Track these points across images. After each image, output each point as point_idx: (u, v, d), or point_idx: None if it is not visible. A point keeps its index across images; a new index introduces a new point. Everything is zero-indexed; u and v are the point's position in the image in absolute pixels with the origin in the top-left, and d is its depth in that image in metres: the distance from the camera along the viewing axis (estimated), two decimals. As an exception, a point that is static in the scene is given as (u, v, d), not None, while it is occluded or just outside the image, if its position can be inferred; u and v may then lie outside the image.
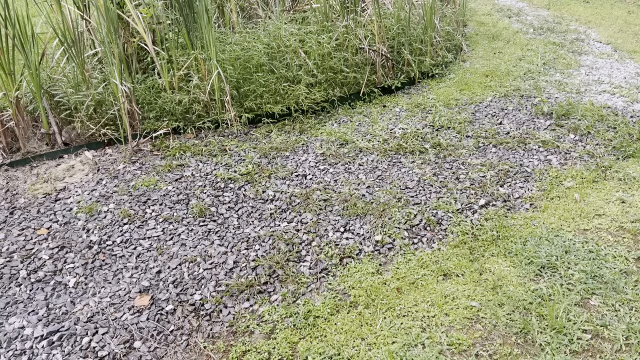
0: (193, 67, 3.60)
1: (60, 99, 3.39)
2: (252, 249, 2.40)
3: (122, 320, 2.02)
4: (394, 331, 1.91)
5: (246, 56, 3.74)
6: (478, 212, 2.68)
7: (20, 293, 2.16)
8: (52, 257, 2.37)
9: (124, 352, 1.88)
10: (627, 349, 1.81)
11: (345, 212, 2.66)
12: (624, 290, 2.07)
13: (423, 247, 2.42)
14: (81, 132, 3.38)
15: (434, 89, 4.26)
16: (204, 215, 2.64)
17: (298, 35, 3.98)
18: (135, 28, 3.43)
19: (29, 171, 3.11)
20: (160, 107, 3.51)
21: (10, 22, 3.01)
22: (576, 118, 3.69)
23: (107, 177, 3.02)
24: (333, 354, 1.83)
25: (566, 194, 2.80)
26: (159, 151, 3.31)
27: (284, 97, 3.74)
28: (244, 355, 1.86)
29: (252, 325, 1.98)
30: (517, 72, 4.65)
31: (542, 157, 3.21)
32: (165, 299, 2.11)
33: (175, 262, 2.32)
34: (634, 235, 2.43)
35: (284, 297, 2.12)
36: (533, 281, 2.15)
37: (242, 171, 3.04)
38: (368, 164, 3.14)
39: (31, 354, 1.87)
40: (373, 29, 4.18)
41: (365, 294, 2.11)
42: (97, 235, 2.51)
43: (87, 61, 3.46)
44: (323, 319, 1.99)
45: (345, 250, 2.39)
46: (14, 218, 2.66)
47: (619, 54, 5.29)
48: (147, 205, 2.74)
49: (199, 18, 3.43)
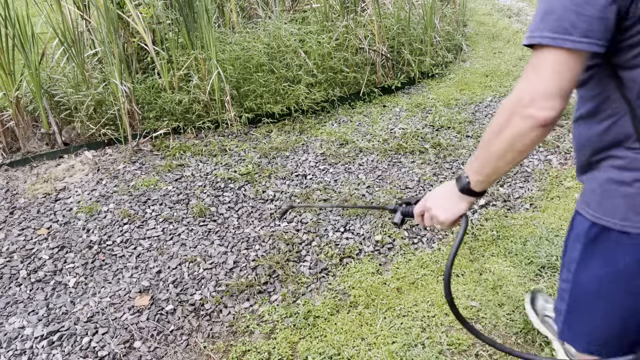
0: (193, 67, 3.60)
1: (60, 99, 3.39)
2: (252, 249, 2.40)
3: (122, 320, 2.02)
4: (394, 331, 1.92)
5: (246, 56, 3.74)
6: (478, 212, 2.68)
7: (20, 293, 2.16)
8: (52, 257, 2.37)
9: (124, 352, 1.88)
10: (627, 349, 1.81)
11: (345, 212, 2.66)
12: (624, 290, 2.07)
13: (423, 247, 2.42)
14: (81, 132, 3.38)
15: (434, 89, 4.26)
16: (204, 215, 2.64)
17: (298, 35, 3.98)
18: (135, 28, 3.43)
19: (29, 171, 3.11)
20: (160, 107, 3.51)
21: (10, 22, 3.01)
22: (576, 118, 3.70)
23: (107, 177, 3.02)
24: (333, 354, 1.83)
25: (566, 194, 2.80)
26: (159, 151, 3.31)
27: (284, 97, 3.74)
28: (244, 355, 1.86)
29: (252, 325, 1.98)
30: (517, 72, 4.65)
31: (542, 157, 3.21)
32: (165, 299, 2.11)
33: (175, 262, 2.32)
34: (634, 235, 2.43)
35: (284, 297, 2.12)
36: (533, 281, 2.15)
37: (242, 171, 3.04)
38: (368, 164, 3.14)
39: (31, 354, 1.87)
40: (373, 29, 4.18)
41: (365, 294, 2.11)
42: (97, 235, 2.51)
43: (87, 61, 3.46)
44: (323, 319, 1.99)
45: (345, 250, 2.39)
46: (14, 218, 2.66)
47: (619, 54, 5.29)
48: (147, 205, 2.74)
49: (199, 18, 3.43)
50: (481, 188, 1.13)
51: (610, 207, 1.02)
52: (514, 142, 0.98)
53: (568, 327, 1.15)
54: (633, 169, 0.99)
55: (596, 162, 1.05)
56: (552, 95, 0.92)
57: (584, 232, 1.07)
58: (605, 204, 1.02)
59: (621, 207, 1.00)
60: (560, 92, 0.92)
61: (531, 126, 0.94)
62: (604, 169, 1.04)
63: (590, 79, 1.02)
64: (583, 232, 1.07)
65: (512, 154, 1.00)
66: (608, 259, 1.04)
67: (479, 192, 1.14)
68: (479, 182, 1.11)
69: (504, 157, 1.02)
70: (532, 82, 0.94)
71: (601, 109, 1.01)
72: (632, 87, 0.95)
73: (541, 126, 0.94)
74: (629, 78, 0.95)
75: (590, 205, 1.05)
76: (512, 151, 1.00)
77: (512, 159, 1.01)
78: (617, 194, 1.01)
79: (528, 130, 0.95)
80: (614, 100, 0.99)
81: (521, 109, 0.95)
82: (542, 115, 0.93)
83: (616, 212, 1.01)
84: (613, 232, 1.01)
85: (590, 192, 1.06)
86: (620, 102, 0.98)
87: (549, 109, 0.92)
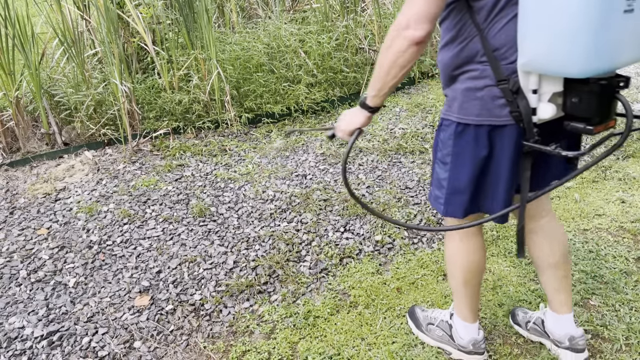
0: (193, 67, 3.60)
1: (60, 99, 3.39)
2: (252, 249, 2.40)
3: (122, 320, 2.02)
4: (394, 331, 1.91)
5: (246, 56, 3.74)
6: (478, 212, 2.68)
7: (20, 293, 2.16)
8: (52, 257, 2.37)
9: (124, 352, 1.88)
10: (627, 349, 1.81)
11: (345, 212, 2.66)
12: (624, 290, 2.07)
13: (423, 247, 2.42)
14: (81, 132, 3.38)
15: (434, 88, 4.26)
16: (204, 215, 2.64)
17: (298, 35, 3.98)
18: (135, 28, 3.43)
19: (29, 171, 3.11)
20: (160, 107, 3.51)
21: (10, 22, 3.01)
22: (576, 118, 3.70)
23: (107, 177, 3.02)
24: (333, 354, 1.83)
25: (566, 194, 2.80)
26: (159, 151, 3.31)
27: (284, 97, 3.74)
28: (244, 355, 1.86)
29: (252, 325, 1.98)
30: (517, 72, 4.65)
31: (542, 157, 3.21)
32: (165, 299, 2.11)
33: (175, 262, 2.32)
34: (634, 235, 2.43)
35: (284, 297, 2.12)
36: (533, 281, 2.15)
37: (242, 171, 3.04)
38: (368, 164, 3.14)
39: (31, 354, 1.87)
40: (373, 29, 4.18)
41: (365, 294, 2.11)
42: (97, 235, 2.51)
43: (87, 61, 3.46)
44: (323, 319, 1.99)
45: (345, 250, 2.39)
46: (14, 218, 2.66)
47: (619, 54, 5.29)
48: (147, 205, 2.74)
49: (199, 18, 3.43)
50: (374, 103, 1.43)
51: (468, 109, 1.34)
52: (396, 59, 1.29)
53: (449, 205, 1.48)
54: (483, 77, 1.31)
55: (456, 76, 1.37)
56: (423, 19, 1.22)
57: (452, 131, 1.39)
58: (465, 107, 1.35)
59: (476, 107, 1.33)
60: (429, 16, 1.23)
61: (408, 44, 1.25)
62: (461, 80, 1.35)
63: (451, 12, 1.33)
64: (452, 131, 1.40)
65: (395, 69, 1.30)
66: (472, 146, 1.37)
67: (373, 106, 1.44)
68: (372, 97, 1.42)
69: (390, 72, 1.32)
70: (408, 11, 1.24)
71: (459, 34, 1.32)
72: (480, 14, 1.27)
73: (415, 44, 1.25)
74: (477, 7, 1.27)
75: (453, 110, 1.39)
76: (395, 67, 1.30)
77: (395, 74, 1.31)
78: (473, 98, 1.33)
79: (406, 48, 1.26)
80: (468, 26, 1.30)
81: (401, 31, 1.25)
82: (416, 35, 1.23)
83: (473, 111, 1.34)
84: (472, 126, 1.35)
85: (453, 100, 1.38)
86: (472, 27, 1.29)
87: (420, 30, 1.23)
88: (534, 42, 1.16)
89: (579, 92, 1.21)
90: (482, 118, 1.33)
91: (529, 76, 1.24)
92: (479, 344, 1.73)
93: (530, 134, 1.28)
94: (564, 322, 1.70)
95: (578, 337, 1.68)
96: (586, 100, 1.21)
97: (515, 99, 1.27)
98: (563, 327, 1.70)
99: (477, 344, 1.72)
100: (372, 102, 1.43)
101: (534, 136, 1.28)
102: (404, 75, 1.35)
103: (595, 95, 1.20)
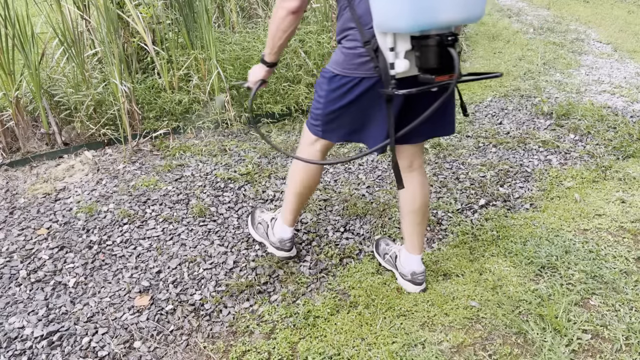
0: (193, 67, 3.60)
1: (60, 99, 3.39)
2: (252, 249, 2.40)
3: (122, 320, 2.02)
4: (394, 331, 1.91)
5: (246, 56, 3.74)
6: (478, 212, 2.68)
7: (20, 293, 2.16)
8: (52, 257, 2.37)
9: (123, 352, 1.88)
10: (627, 349, 1.81)
11: (345, 212, 2.66)
12: (624, 290, 2.07)
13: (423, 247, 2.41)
14: (81, 132, 3.38)
15: (434, 88, 4.25)
16: (204, 215, 2.64)
17: (298, 35, 3.98)
18: (135, 28, 3.42)
19: (28, 171, 3.11)
20: (160, 107, 3.51)
21: (10, 22, 3.00)
22: (576, 118, 3.70)
23: (107, 177, 3.02)
24: (333, 354, 1.83)
25: (566, 194, 2.80)
26: (159, 151, 3.31)
27: (284, 97, 3.74)
28: (244, 355, 1.86)
29: (252, 325, 1.98)
30: (517, 72, 4.65)
31: (542, 157, 3.21)
32: (165, 299, 2.11)
33: (175, 262, 2.32)
34: (634, 235, 2.43)
35: (284, 297, 2.12)
36: (533, 281, 2.15)
37: (242, 171, 3.04)
38: (368, 164, 3.14)
39: (31, 354, 1.87)
40: (373, 29, 4.18)
41: (365, 294, 2.11)
42: (97, 235, 2.51)
43: (87, 61, 3.46)
44: (323, 319, 1.99)
45: (345, 250, 2.39)
46: (14, 218, 2.66)
47: (619, 54, 5.30)
48: (147, 205, 2.74)
49: (199, 18, 3.43)
50: (270, 59, 1.89)
51: (341, 63, 1.73)
52: (279, 24, 1.74)
53: (324, 132, 1.88)
54: (354, 40, 1.66)
55: (341, 39, 1.73)
56: None
57: (328, 77, 1.77)
58: (339, 62, 1.73)
59: (344, 62, 1.71)
60: None
61: (286, 13, 1.70)
62: (343, 42, 1.72)
63: None
64: (327, 77, 1.77)
65: (279, 33, 1.76)
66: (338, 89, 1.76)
67: (270, 62, 1.90)
68: (268, 54, 1.88)
69: (276, 35, 1.78)
70: None
71: (340, 7, 1.70)
72: None
73: (292, 13, 1.70)
74: None
75: (333, 63, 1.77)
76: (279, 31, 1.76)
77: (280, 36, 1.77)
78: (343, 55, 1.71)
79: (284, 16, 1.71)
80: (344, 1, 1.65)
81: (281, 3, 1.69)
82: (291, 6, 1.68)
83: (341, 65, 1.72)
84: (339, 76, 1.74)
85: (336, 55, 1.76)
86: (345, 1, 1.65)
87: (294, 2, 1.67)
88: (376, 6, 1.48)
89: (419, 47, 1.49)
90: (345, 70, 1.71)
91: (385, 37, 1.52)
92: (285, 242, 2.21)
93: (387, 84, 1.57)
94: (412, 260, 2.08)
95: (419, 273, 2.07)
96: (425, 53, 1.49)
97: (376, 57, 1.59)
98: (410, 265, 2.08)
99: (283, 241, 2.21)
100: (268, 59, 1.88)
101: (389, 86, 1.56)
102: (288, 38, 1.79)
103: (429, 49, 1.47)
